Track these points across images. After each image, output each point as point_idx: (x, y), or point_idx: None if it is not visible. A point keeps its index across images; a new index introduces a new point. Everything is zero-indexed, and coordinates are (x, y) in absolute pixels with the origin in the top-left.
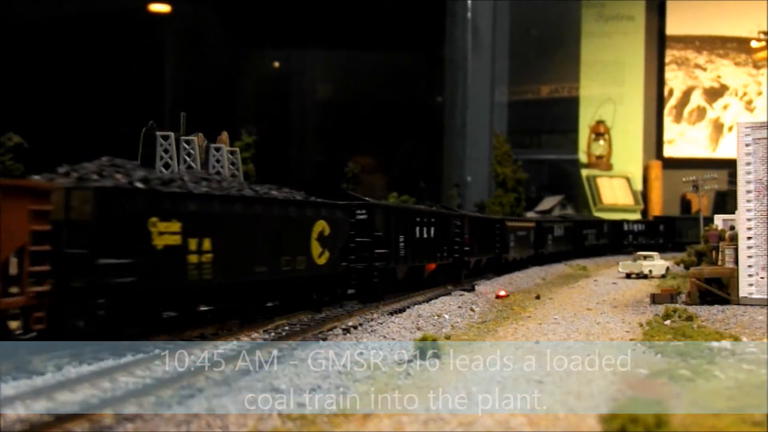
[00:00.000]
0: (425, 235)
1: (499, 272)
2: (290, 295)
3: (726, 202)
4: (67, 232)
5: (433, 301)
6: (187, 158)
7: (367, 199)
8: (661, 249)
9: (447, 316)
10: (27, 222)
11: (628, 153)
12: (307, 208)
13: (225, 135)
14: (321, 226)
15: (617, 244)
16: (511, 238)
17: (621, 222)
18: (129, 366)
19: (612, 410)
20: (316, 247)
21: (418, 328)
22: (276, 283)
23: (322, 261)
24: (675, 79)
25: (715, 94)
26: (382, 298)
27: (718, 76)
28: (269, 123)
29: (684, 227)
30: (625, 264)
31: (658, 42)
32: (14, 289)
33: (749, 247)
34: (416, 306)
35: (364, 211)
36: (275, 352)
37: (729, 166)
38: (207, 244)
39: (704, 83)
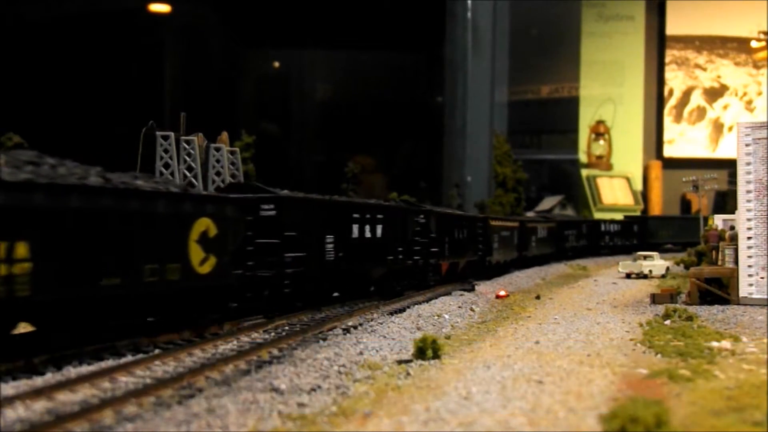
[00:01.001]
0: (369, 235)
1: (483, 277)
2: (161, 313)
3: (726, 202)
4: None
5: (433, 301)
6: (187, 158)
7: (274, 190)
8: (633, 251)
9: (447, 316)
10: None
11: (628, 153)
12: (185, 203)
13: (225, 135)
14: (204, 225)
15: (595, 245)
16: (495, 239)
17: (599, 222)
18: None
19: (612, 410)
20: (196, 252)
21: (418, 328)
22: (137, 299)
23: (205, 269)
24: (675, 79)
25: (715, 94)
26: (298, 310)
27: (718, 76)
28: (269, 123)
29: (656, 227)
30: (625, 264)
31: (658, 42)
32: None
33: (749, 247)
34: (416, 306)
35: (271, 206)
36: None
37: (729, 166)
38: (22, 249)
39: (704, 83)
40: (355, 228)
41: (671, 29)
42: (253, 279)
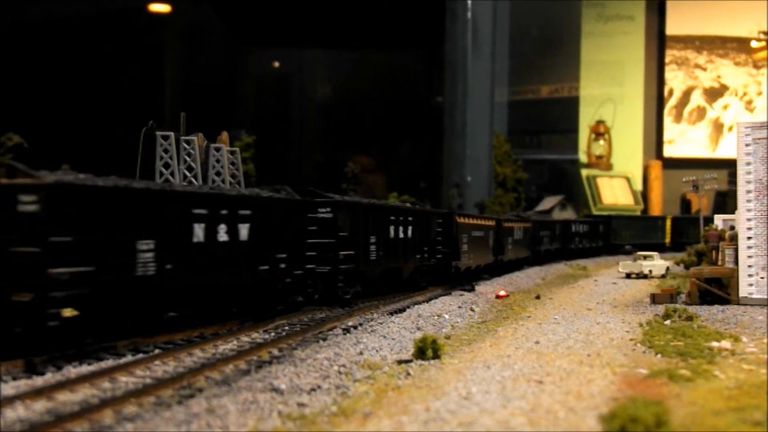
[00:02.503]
0: (226, 237)
1: (446, 284)
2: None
3: (726, 202)
4: None
5: (433, 301)
6: (187, 158)
7: (36, 173)
8: (597, 253)
9: (447, 316)
10: None
11: (628, 153)
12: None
13: (225, 135)
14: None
15: (566, 248)
16: (464, 240)
17: (570, 223)
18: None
19: (612, 410)
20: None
21: (418, 328)
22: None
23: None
24: (675, 79)
25: (715, 94)
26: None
27: (718, 76)
28: (269, 123)
29: (619, 228)
30: (625, 264)
31: (658, 42)
32: None
33: (749, 247)
34: (416, 306)
35: (33, 198)
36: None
37: (729, 166)
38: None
39: (704, 83)
40: (201, 229)
41: (671, 29)
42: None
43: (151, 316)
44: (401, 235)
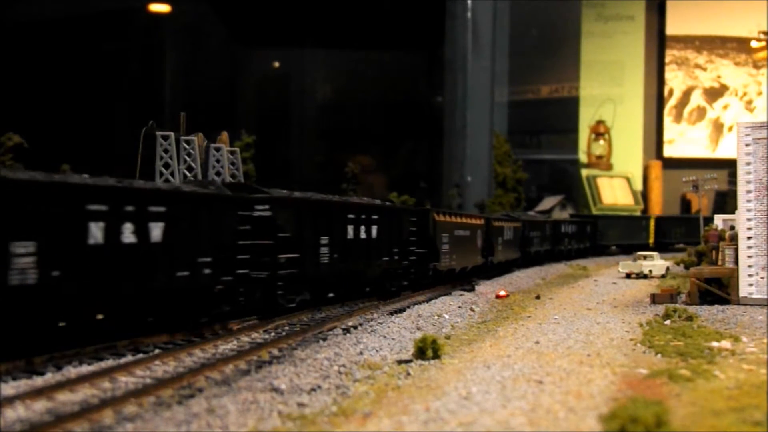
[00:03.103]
0: (133, 239)
1: (413, 289)
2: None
3: (726, 202)
4: None
5: (433, 301)
6: (187, 158)
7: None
8: (584, 254)
9: (447, 316)
10: None
11: (628, 153)
12: None
13: (225, 135)
14: None
15: (555, 250)
16: (444, 240)
17: (559, 223)
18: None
19: (612, 410)
20: None
21: (418, 328)
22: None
23: None
24: (675, 79)
25: (715, 94)
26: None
27: (718, 76)
28: (269, 123)
29: (606, 227)
30: (625, 264)
31: (658, 42)
32: None
33: (749, 247)
34: (416, 306)
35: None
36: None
37: (729, 166)
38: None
39: (704, 83)
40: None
41: (671, 29)
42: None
43: (33, 332)
44: (363, 235)
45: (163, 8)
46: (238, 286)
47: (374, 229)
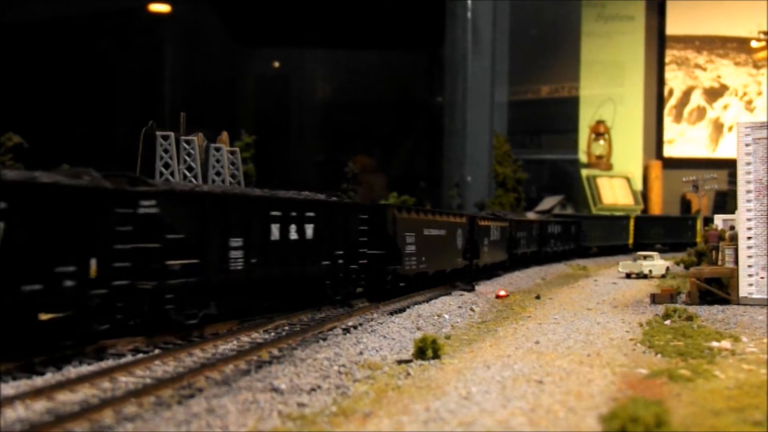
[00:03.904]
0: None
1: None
2: None
3: (726, 202)
4: None
5: (433, 301)
6: (187, 158)
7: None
8: (568, 256)
9: (447, 316)
10: None
11: (628, 153)
12: None
13: (225, 135)
14: None
15: (541, 252)
16: (410, 241)
17: (546, 223)
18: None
19: (612, 410)
20: None
21: (418, 328)
22: None
23: None
24: (675, 79)
25: (715, 94)
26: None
27: (718, 76)
28: (269, 123)
29: (588, 228)
30: (625, 264)
31: (658, 42)
32: None
33: (749, 247)
34: (416, 306)
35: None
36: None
37: (729, 166)
38: None
39: (704, 83)
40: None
41: (671, 29)
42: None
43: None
44: (294, 235)
45: (163, 8)
46: (116, 301)
47: (309, 229)
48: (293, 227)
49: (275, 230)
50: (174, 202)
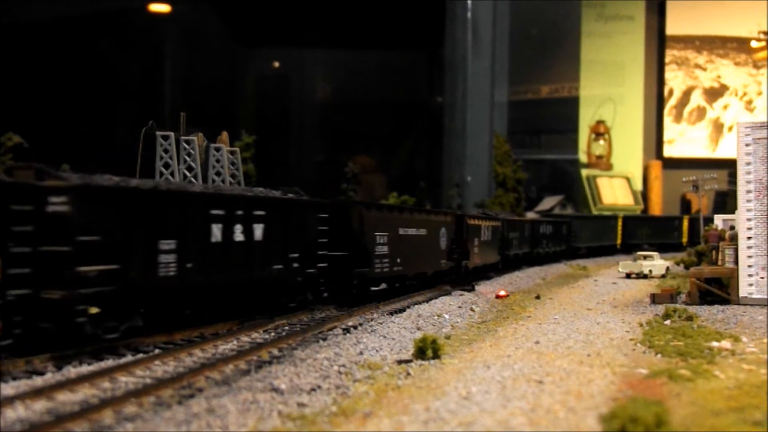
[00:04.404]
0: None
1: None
2: None
3: (726, 202)
4: None
5: (433, 301)
6: (187, 158)
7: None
8: (562, 258)
9: (447, 316)
10: None
11: (628, 153)
12: None
13: (225, 135)
14: None
15: (533, 252)
16: (381, 241)
17: (539, 223)
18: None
19: (612, 410)
20: None
21: (418, 328)
22: None
23: None
24: (675, 79)
25: (715, 94)
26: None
27: (718, 76)
28: (269, 123)
29: (578, 228)
30: (625, 264)
31: (658, 42)
32: None
33: (749, 247)
34: (416, 306)
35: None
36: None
37: (729, 166)
38: None
39: (704, 83)
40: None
41: (671, 29)
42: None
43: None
44: (240, 236)
45: (163, 8)
46: (11, 314)
47: (258, 229)
48: (239, 227)
49: (216, 231)
50: (90, 199)
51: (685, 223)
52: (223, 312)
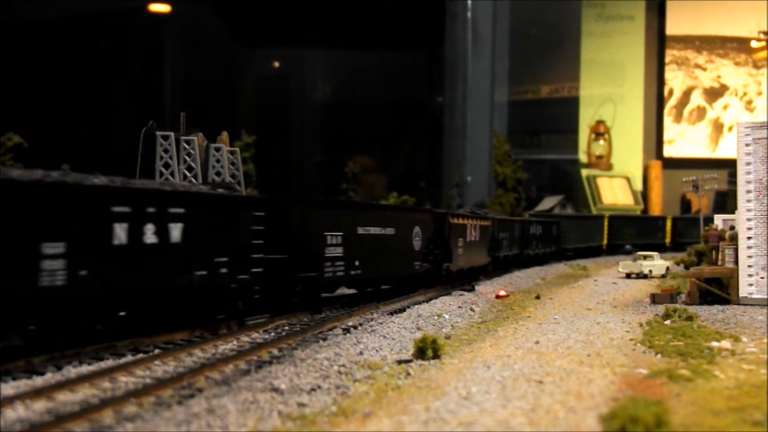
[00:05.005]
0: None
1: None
2: None
3: (726, 202)
4: None
5: (433, 301)
6: (187, 158)
7: None
8: (553, 260)
9: (447, 316)
10: None
11: (628, 153)
12: None
13: (225, 135)
14: None
15: (523, 254)
16: (334, 242)
17: (529, 223)
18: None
19: (612, 410)
20: None
21: (418, 328)
22: None
23: None
24: (675, 79)
25: (715, 94)
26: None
27: (718, 76)
28: (269, 123)
29: (567, 229)
30: (625, 264)
31: (658, 42)
32: None
33: (749, 247)
34: (416, 306)
35: None
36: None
37: (729, 166)
38: None
39: (704, 83)
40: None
41: (671, 29)
42: None
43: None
44: (152, 238)
45: (163, 8)
46: None
47: (176, 230)
48: (150, 228)
49: (120, 232)
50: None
51: (668, 224)
52: (133, 325)
